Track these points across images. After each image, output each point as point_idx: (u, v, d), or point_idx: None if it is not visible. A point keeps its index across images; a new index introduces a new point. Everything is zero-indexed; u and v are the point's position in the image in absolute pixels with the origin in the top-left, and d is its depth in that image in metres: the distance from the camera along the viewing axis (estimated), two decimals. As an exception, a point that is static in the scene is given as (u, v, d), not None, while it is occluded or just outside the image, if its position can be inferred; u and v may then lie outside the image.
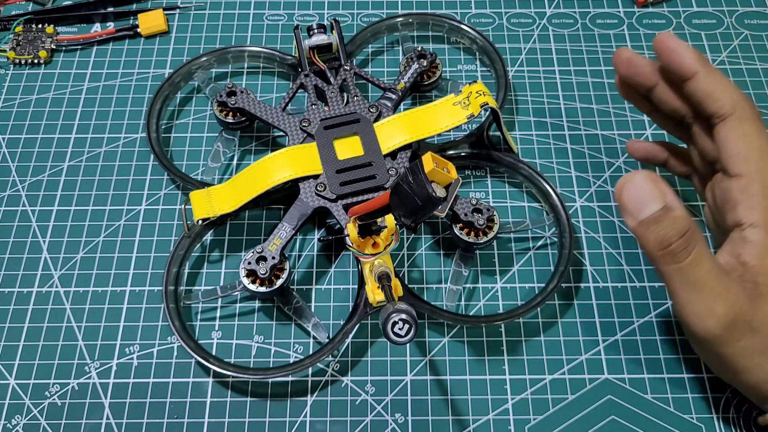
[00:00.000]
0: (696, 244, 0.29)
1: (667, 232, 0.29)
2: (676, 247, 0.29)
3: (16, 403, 0.36)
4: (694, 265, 0.29)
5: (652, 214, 0.29)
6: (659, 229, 0.29)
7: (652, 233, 0.29)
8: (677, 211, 0.29)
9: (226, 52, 0.46)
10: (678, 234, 0.28)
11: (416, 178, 0.26)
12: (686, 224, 0.29)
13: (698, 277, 0.29)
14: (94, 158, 0.43)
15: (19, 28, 0.48)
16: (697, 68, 0.33)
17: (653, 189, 0.29)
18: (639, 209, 0.29)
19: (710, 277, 0.29)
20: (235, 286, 0.37)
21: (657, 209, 0.28)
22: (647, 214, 0.29)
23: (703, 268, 0.29)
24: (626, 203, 0.29)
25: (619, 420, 0.35)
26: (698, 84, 0.33)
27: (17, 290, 0.39)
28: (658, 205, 0.28)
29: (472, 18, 0.50)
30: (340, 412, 0.36)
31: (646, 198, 0.29)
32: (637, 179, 0.29)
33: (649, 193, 0.29)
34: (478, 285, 0.39)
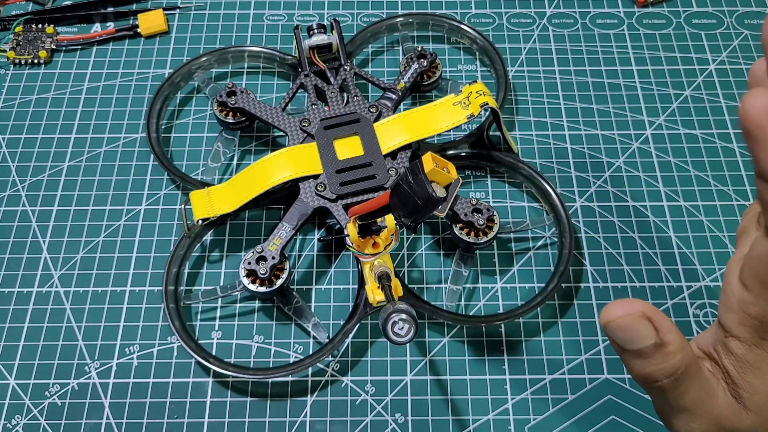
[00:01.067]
0: (685, 380, 0.25)
1: (655, 371, 0.25)
2: (663, 385, 0.26)
3: (16, 403, 0.36)
4: (679, 396, 0.26)
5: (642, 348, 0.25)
6: (647, 366, 0.25)
7: (637, 366, 0.26)
8: (671, 346, 0.25)
9: (226, 52, 0.46)
10: (666, 375, 0.25)
11: (416, 178, 0.26)
12: (679, 362, 0.25)
13: (681, 404, 0.26)
14: (94, 158, 0.43)
15: (19, 28, 0.48)
16: None
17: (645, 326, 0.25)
18: (626, 343, 0.26)
19: (695, 405, 0.26)
20: (235, 286, 0.37)
21: (648, 344, 0.25)
22: (637, 347, 0.25)
23: (689, 398, 0.26)
24: (613, 335, 0.26)
25: (619, 420, 0.35)
26: None
27: (17, 290, 0.39)
28: (650, 341, 0.25)
29: (472, 18, 0.50)
30: (340, 412, 0.36)
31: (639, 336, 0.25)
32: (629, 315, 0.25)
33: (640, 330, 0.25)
34: (478, 285, 0.39)
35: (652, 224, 0.41)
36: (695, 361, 0.26)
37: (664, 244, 0.40)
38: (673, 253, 0.40)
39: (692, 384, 0.26)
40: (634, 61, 0.47)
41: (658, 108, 0.45)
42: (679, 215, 0.41)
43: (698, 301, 0.38)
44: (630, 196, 0.42)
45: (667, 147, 0.44)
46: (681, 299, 0.38)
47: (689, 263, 0.40)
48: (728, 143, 0.44)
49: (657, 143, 0.44)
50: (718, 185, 0.42)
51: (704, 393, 0.26)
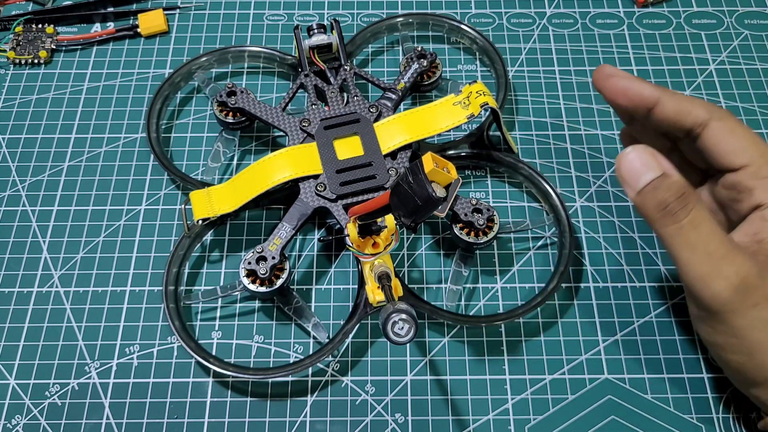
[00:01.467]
0: (694, 204, 0.30)
1: (665, 194, 0.30)
2: (673, 206, 0.30)
3: (16, 403, 0.36)
4: (694, 224, 0.29)
5: (649, 181, 0.30)
6: (657, 194, 0.30)
7: (650, 199, 0.30)
8: (674, 176, 0.30)
9: (226, 52, 0.46)
10: (675, 195, 0.30)
11: (416, 178, 0.26)
12: (683, 186, 0.30)
13: (700, 237, 0.29)
14: (94, 158, 0.43)
15: (19, 28, 0.48)
16: (657, 93, 0.33)
17: (650, 159, 0.30)
18: (637, 179, 0.30)
19: (713, 239, 0.29)
20: (235, 286, 0.37)
21: (654, 176, 0.30)
22: (645, 182, 0.30)
23: (704, 228, 0.29)
24: (625, 175, 0.31)
25: (619, 420, 0.35)
26: (665, 107, 0.33)
27: (17, 290, 0.39)
28: (655, 173, 0.30)
29: (472, 18, 0.50)
30: (340, 412, 0.36)
31: (644, 168, 0.30)
32: (634, 151, 0.30)
33: (646, 163, 0.30)
34: (478, 285, 0.39)
35: (652, 224, 0.41)
36: (698, 195, 0.30)
37: (664, 244, 0.40)
38: (673, 253, 0.40)
39: (703, 217, 0.30)
40: (634, 61, 0.47)
41: (658, 108, 0.45)
42: (679, 215, 0.41)
43: (698, 301, 0.38)
44: (630, 196, 0.42)
45: (667, 147, 0.44)
46: (681, 299, 0.38)
47: (689, 263, 0.40)
48: (728, 143, 0.44)
49: (657, 143, 0.44)
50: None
51: (721, 233, 0.29)
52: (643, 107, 0.33)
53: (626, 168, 0.31)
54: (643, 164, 0.30)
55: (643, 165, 0.30)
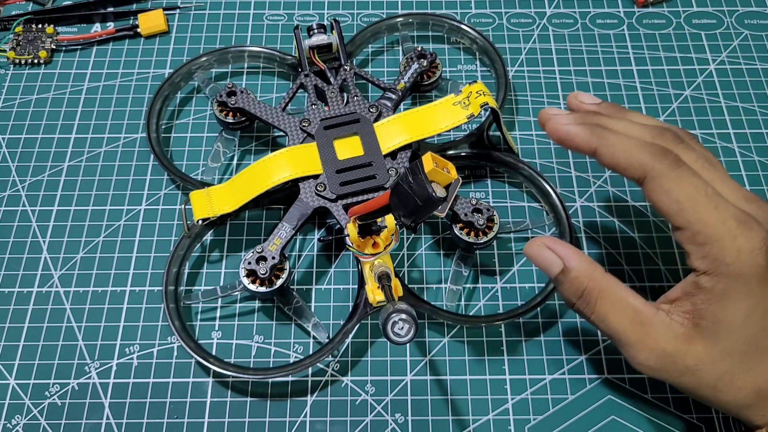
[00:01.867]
0: (596, 300, 0.31)
1: (568, 293, 0.32)
2: (578, 305, 0.32)
3: (16, 403, 0.36)
4: (600, 319, 0.31)
5: (555, 277, 0.32)
6: (562, 291, 0.32)
7: (560, 293, 0.33)
8: (574, 272, 0.31)
9: (226, 52, 0.46)
10: (576, 296, 0.32)
11: (416, 178, 0.26)
12: (582, 284, 0.31)
13: (610, 327, 0.31)
14: (94, 158, 0.43)
15: (19, 28, 0.48)
16: (594, 144, 0.32)
17: (549, 255, 0.32)
18: (548, 270, 0.32)
19: (622, 328, 0.31)
20: (235, 286, 0.37)
21: (557, 271, 0.32)
22: (553, 275, 0.32)
23: (612, 320, 0.31)
24: (539, 266, 0.33)
25: (619, 420, 0.35)
26: (602, 159, 0.32)
27: (17, 290, 0.39)
28: (557, 269, 0.32)
29: (472, 18, 0.50)
30: (340, 412, 0.36)
31: (547, 263, 0.32)
32: (535, 246, 0.33)
33: (548, 260, 0.32)
34: (478, 285, 0.39)
35: (652, 224, 0.41)
36: (607, 285, 0.31)
37: (664, 244, 0.40)
38: (674, 253, 0.40)
39: (608, 310, 0.31)
40: (634, 61, 0.47)
41: (658, 108, 0.45)
42: (679, 215, 0.41)
43: (698, 301, 0.38)
44: (630, 196, 0.42)
45: (667, 147, 0.44)
46: (681, 299, 0.38)
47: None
48: (728, 143, 0.44)
49: (657, 143, 0.44)
50: (718, 185, 0.42)
51: (630, 318, 0.31)
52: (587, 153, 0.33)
53: (536, 261, 0.33)
54: (545, 259, 0.32)
55: (545, 260, 0.32)
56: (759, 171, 0.43)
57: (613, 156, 0.32)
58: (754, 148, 0.44)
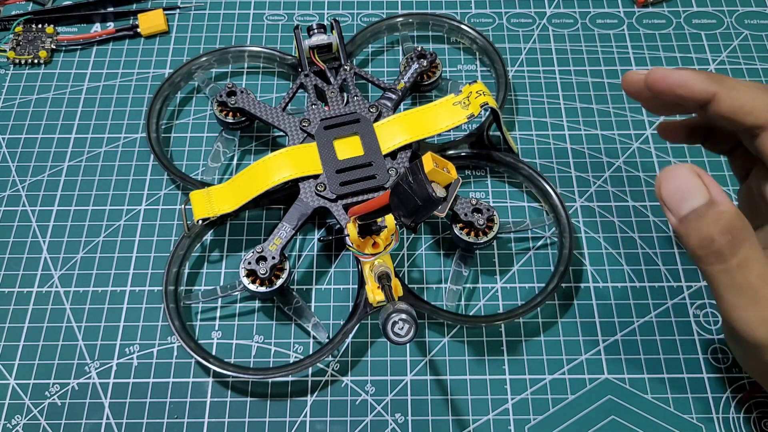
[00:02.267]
0: (744, 243, 0.26)
1: (711, 228, 0.26)
2: (721, 245, 0.26)
3: (16, 403, 0.36)
4: (742, 267, 0.26)
5: (694, 209, 0.26)
6: (702, 226, 0.26)
7: (693, 230, 0.26)
8: (723, 205, 0.26)
9: (226, 52, 0.46)
10: (723, 231, 0.26)
11: (416, 178, 0.26)
12: (733, 220, 0.26)
13: (748, 281, 0.26)
14: (94, 158, 0.43)
15: (19, 28, 0.48)
16: (713, 88, 0.28)
17: (696, 182, 0.26)
18: (680, 204, 0.26)
19: (762, 284, 0.26)
20: (235, 286, 0.37)
21: (700, 203, 0.26)
22: (689, 209, 0.26)
23: (753, 271, 0.26)
24: (666, 198, 0.27)
25: (619, 420, 0.35)
26: (721, 105, 0.28)
27: (17, 290, 0.39)
28: (702, 200, 0.26)
29: (472, 18, 0.50)
30: (340, 412, 0.36)
31: (689, 192, 0.26)
32: (679, 172, 0.26)
33: (691, 187, 0.26)
34: (478, 285, 0.39)
35: (652, 224, 0.41)
36: (750, 228, 0.26)
37: (664, 244, 0.40)
38: (673, 253, 0.40)
39: (754, 257, 0.26)
40: (634, 61, 0.47)
41: (658, 108, 0.45)
42: (679, 215, 0.41)
43: (698, 301, 0.38)
44: (630, 196, 0.42)
45: (667, 147, 0.44)
46: (681, 299, 0.38)
47: (689, 263, 0.40)
48: (728, 143, 0.44)
49: (657, 143, 0.44)
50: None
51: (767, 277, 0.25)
52: (695, 105, 0.29)
53: (667, 190, 0.27)
54: (688, 186, 0.26)
55: (688, 188, 0.26)
56: (759, 171, 0.43)
57: (737, 98, 0.28)
58: (754, 148, 0.44)
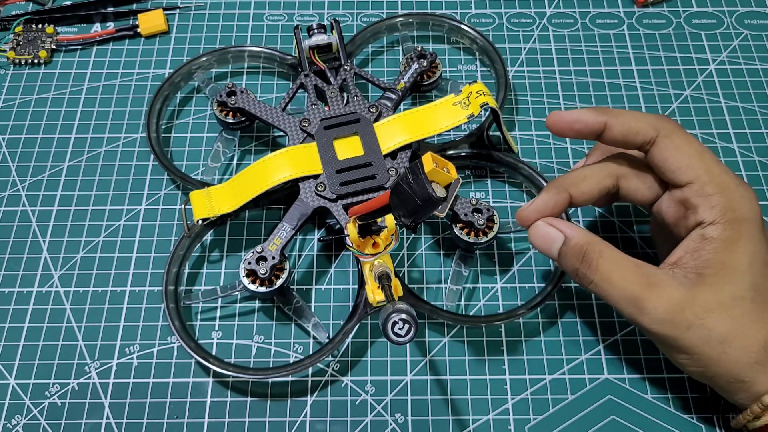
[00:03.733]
0: (597, 259, 0.32)
1: (572, 261, 0.33)
2: (582, 270, 0.32)
3: (16, 403, 0.36)
4: (604, 278, 0.32)
5: (558, 249, 0.33)
6: (567, 261, 0.33)
7: (564, 266, 0.34)
8: (574, 238, 0.33)
9: (226, 52, 0.46)
10: (578, 259, 0.32)
11: (416, 178, 0.26)
12: (583, 245, 0.32)
13: (615, 286, 0.32)
14: (94, 158, 0.43)
15: (19, 28, 0.48)
16: (603, 118, 0.34)
17: (551, 229, 0.34)
18: (550, 250, 0.34)
19: (626, 283, 0.31)
20: (235, 286, 0.37)
21: (560, 244, 0.33)
22: (556, 251, 0.34)
23: (615, 277, 0.32)
24: (539, 248, 0.34)
25: (619, 420, 0.35)
26: (612, 130, 0.34)
27: (17, 290, 0.39)
28: (560, 240, 0.33)
29: (472, 18, 0.50)
30: (340, 412, 0.36)
31: (550, 239, 0.34)
32: (538, 227, 0.34)
33: (549, 234, 0.34)
34: (478, 285, 0.39)
35: (652, 224, 0.41)
36: (606, 247, 0.32)
37: (664, 244, 0.40)
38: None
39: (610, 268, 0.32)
40: (634, 61, 0.47)
41: (658, 108, 0.45)
42: (679, 215, 0.41)
43: (698, 301, 0.38)
44: (630, 196, 0.42)
45: (667, 147, 0.44)
46: (681, 299, 0.38)
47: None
48: (728, 143, 0.44)
49: (657, 143, 0.44)
50: (718, 185, 0.42)
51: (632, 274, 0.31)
52: (592, 134, 0.35)
53: (536, 242, 0.34)
54: (546, 235, 0.34)
55: (547, 236, 0.34)
56: (759, 171, 0.43)
57: (624, 123, 0.34)
58: (754, 148, 0.44)
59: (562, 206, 0.35)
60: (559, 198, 0.34)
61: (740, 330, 0.30)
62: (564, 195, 0.34)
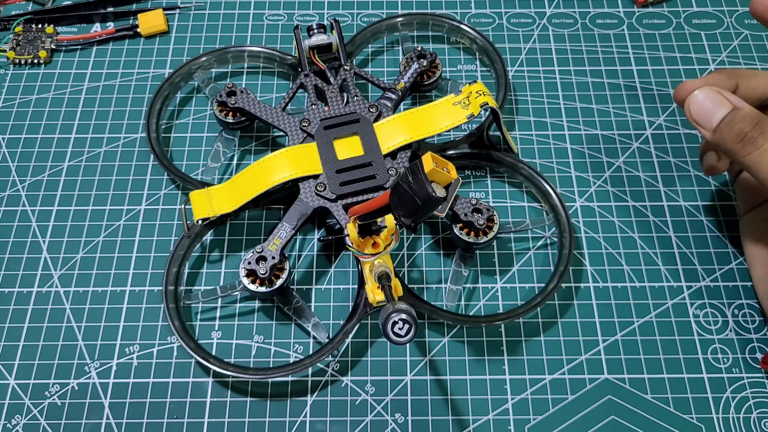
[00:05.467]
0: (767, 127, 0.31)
1: (741, 125, 0.32)
2: (752, 134, 0.32)
3: (16, 403, 0.36)
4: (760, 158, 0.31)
5: (723, 117, 0.32)
6: (734, 126, 0.32)
7: (727, 132, 0.32)
8: (745, 108, 0.32)
9: (226, 52, 0.46)
10: (750, 123, 0.32)
11: (416, 178, 0.26)
12: (756, 115, 0.32)
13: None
14: (94, 158, 0.43)
15: (19, 28, 0.48)
16: (733, 81, 0.34)
17: (717, 97, 0.32)
18: (710, 118, 0.33)
19: None
20: (235, 286, 0.37)
21: (727, 112, 0.32)
22: (719, 118, 0.32)
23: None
24: (696, 117, 0.33)
25: (619, 420, 0.35)
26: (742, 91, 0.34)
27: (17, 290, 0.39)
28: (727, 108, 0.32)
29: (472, 18, 0.50)
30: (340, 412, 0.36)
31: (714, 107, 0.32)
32: (702, 93, 0.33)
33: (715, 102, 0.32)
34: (478, 285, 0.39)
35: (652, 224, 0.41)
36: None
37: (664, 244, 0.40)
38: (673, 253, 0.40)
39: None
40: (634, 61, 0.47)
41: (658, 108, 0.45)
42: (679, 215, 0.41)
43: (698, 301, 0.38)
44: (630, 196, 0.42)
45: (667, 147, 0.44)
46: (681, 299, 0.38)
47: (689, 263, 0.40)
48: (728, 143, 0.44)
49: (657, 143, 0.44)
50: (717, 185, 0.42)
51: None
52: None
53: (697, 110, 0.33)
54: (714, 103, 0.32)
55: (713, 104, 0.32)
56: (759, 171, 0.43)
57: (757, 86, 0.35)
58: (754, 148, 0.44)
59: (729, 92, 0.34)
60: (728, 83, 0.34)
61: None
62: (733, 82, 0.34)
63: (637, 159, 0.43)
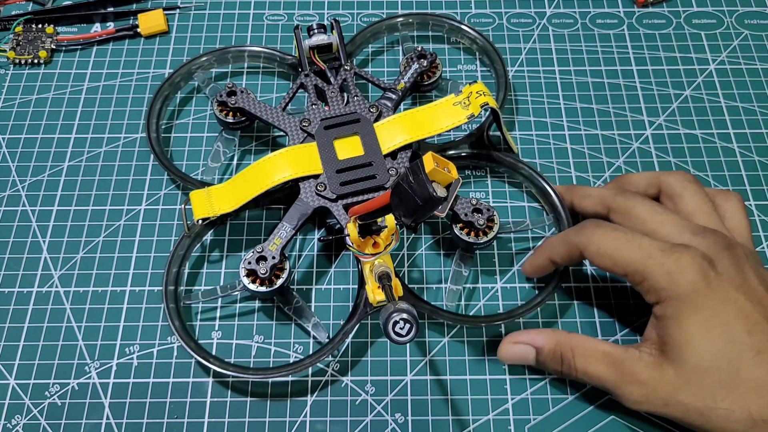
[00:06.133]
0: (573, 358, 0.33)
1: (551, 366, 0.34)
2: (563, 370, 0.34)
3: (16, 403, 0.36)
4: (584, 373, 0.33)
5: (536, 362, 0.35)
6: (547, 368, 0.34)
7: (549, 371, 0.35)
8: (545, 348, 0.34)
9: (226, 52, 0.46)
10: (558, 363, 0.34)
11: (417, 177, 0.26)
12: (556, 352, 0.34)
13: (593, 376, 0.33)
14: (94, 158, 0.43)
15: (19, 28, 0.48)
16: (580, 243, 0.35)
17: (518, 347, 0.35)
18: (526, 361, 0.35)
19: (602, 374, 0.33)
20: (235, 286, 0.37)
21: (533, 357, 0.34)
22: (534, 364, 0.35)
23: (592, 370, 0.33)
24: (516, 362, 0.36)
25: (619, 420, 0.35)
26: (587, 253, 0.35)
27: (17, 290, 0.39)
28: (532, 354, 0.34)
29: (472, 18, 0.50)
30: (340, 412, 0.36)
31: (522, 355, 0.35)
32: (504, 349, 0.35)
33: (519, 352, 0.35)
34: (478, 285, 0.39)
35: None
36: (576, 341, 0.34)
37: (664, 244, 0.40)
38: (673, 253, 0.40)
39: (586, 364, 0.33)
40: (634, 61, 0.47)
41: (658, 108, 0.45)
42: (679, 215, 0.41)
43: (698, 301, 0.38)
44: (630, 196, 0.42)
45: (667, 147, 0.44)
46: (681, 299, 0.38)
47: (689, 263, 0.40)
48: (728, 143, 0.44)
49: (657, 143, 0.44)
50: (717, 185, 0.42)
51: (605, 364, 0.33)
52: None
53: (512, 360, 0.35)
54: (516, 353, 0.35)
55: (518, 354, 0.35)
56: (759, 171, 0.43)
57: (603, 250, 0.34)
58: (754, 148, 0.44)
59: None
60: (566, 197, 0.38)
61: (714, 402, 0.30)
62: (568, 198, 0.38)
63: (637, 159, 0.43)
